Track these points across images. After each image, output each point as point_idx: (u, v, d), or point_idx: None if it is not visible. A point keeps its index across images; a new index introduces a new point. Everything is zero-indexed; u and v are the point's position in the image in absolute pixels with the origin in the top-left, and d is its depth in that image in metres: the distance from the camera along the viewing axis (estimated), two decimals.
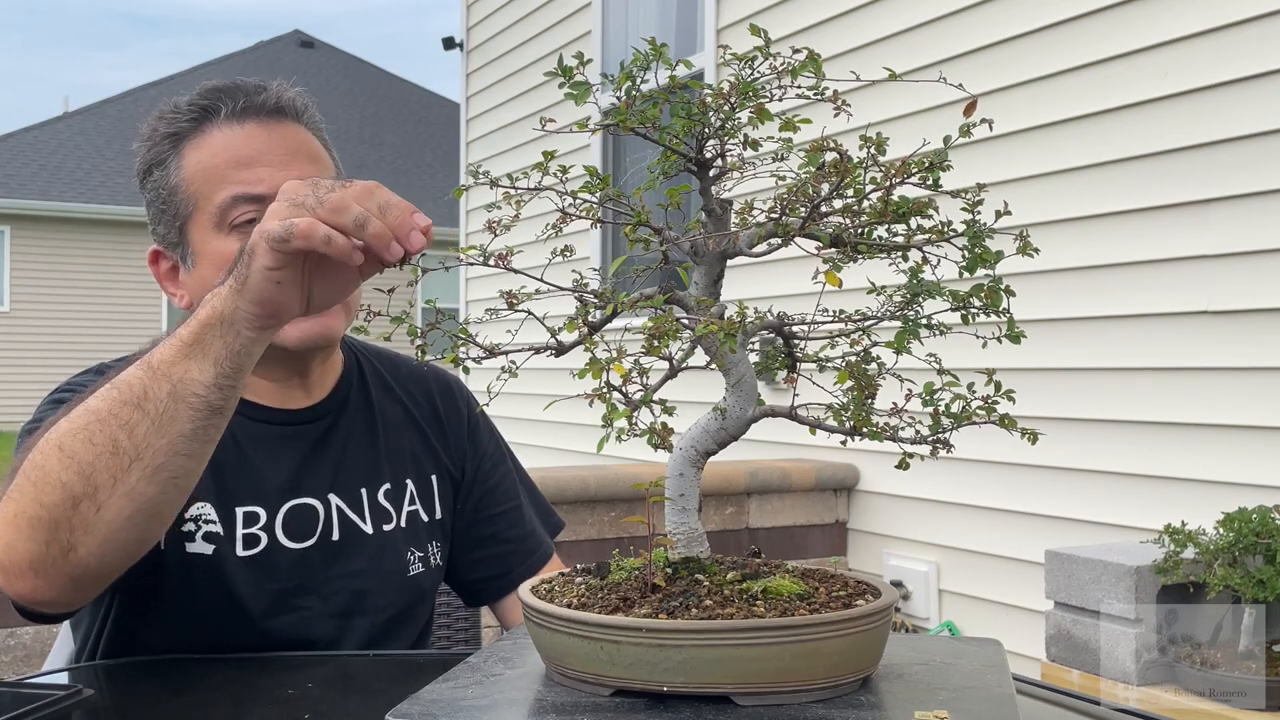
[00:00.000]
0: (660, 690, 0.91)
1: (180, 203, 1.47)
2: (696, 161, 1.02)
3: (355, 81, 23.32)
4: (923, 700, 0.96)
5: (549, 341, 1.00)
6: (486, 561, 1.69)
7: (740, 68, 0.99)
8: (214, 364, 1.15)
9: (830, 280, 0.98)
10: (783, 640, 0.91)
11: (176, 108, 1.50)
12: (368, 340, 1.72)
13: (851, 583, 1.05)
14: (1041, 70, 3.75)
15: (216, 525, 1.45)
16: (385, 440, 1.61)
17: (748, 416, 1.02)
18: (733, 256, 1.03)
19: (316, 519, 1.52)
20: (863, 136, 1.00)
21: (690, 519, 1.04)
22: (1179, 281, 3.34)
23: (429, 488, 1.64)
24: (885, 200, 1.00)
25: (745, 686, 0.91)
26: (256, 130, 1.47)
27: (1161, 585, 2.62)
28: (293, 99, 1.51)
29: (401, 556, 1.58)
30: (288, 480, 1.51)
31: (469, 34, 8.08)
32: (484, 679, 1.00)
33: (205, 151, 1.46)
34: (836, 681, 0.95)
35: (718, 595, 0.97)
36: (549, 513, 1.80)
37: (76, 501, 1.14)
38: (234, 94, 1.48)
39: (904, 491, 4.33)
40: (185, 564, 1.44)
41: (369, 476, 1.58)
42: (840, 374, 1.00)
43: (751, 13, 5.11)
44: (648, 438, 0.97)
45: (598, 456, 6.01)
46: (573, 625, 0.94)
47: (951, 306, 1.01)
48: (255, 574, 1.46)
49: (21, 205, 17.77)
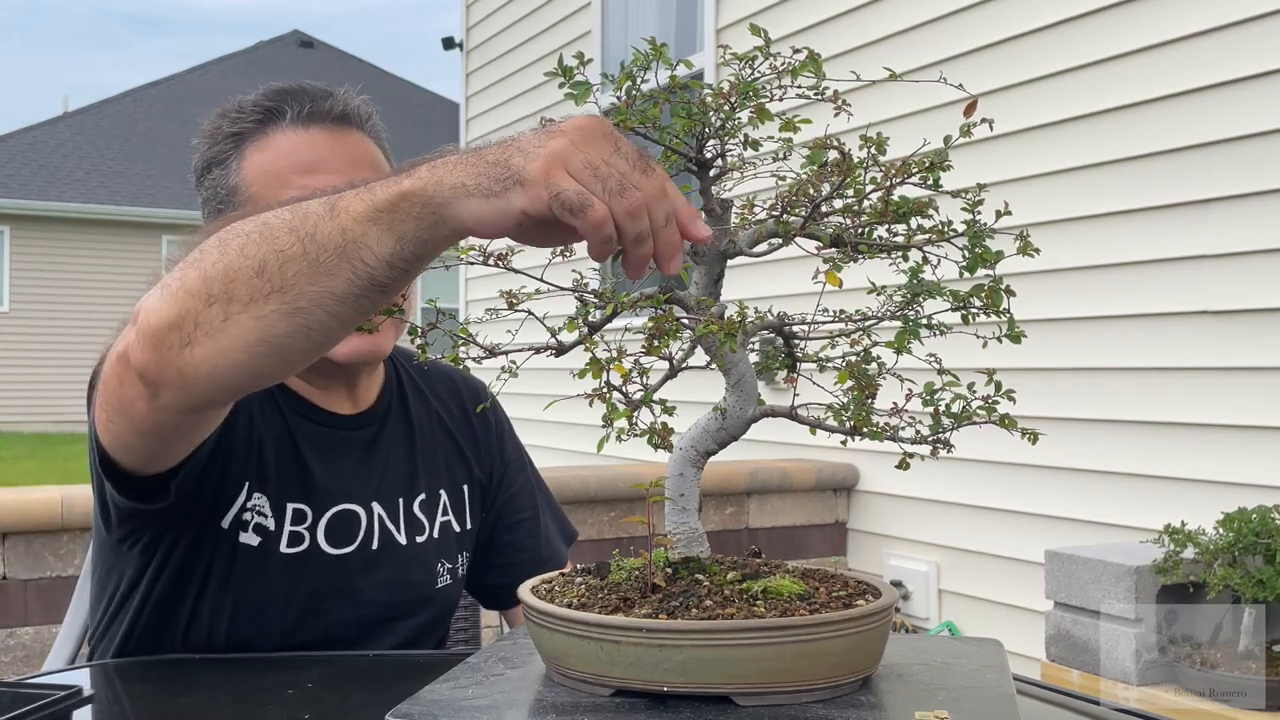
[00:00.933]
0: (660, 690, 0.91)
1: (239, 203, 1.45)
2: (696, 161, 1.02)
3: (355, 81, 22.91)
4: (923, 700, 0.96)
5: (549, 341, 1.00)
6: (502, 569, 1.69)
7: (740, 67, 0.99)
8: (396, 240, 0.99)
9: (830, 280, 0.98)
10: (783, 640, 0.91)
11: (241, 107, 1.48)
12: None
13: (851, 583, 1.05)
14: (1041, 70, 3.75)
15: (268, 519, 1.44)
16: (421, 450, 1.61)
17: (748, 416, 1.02)
18: (733, 256, 1.03)
19: (358, 526, 1.51)
20: (863, 136, 1.00)
21: (690, 519, 1.04)
22: (1178, 281, 3.34)
23: (461, 498, 1.64)
24: (886, 200, 1.01)
25: (746, 687, 0.91)
26: (321, 136, 1.45)
27: (1161, 585, 2.62)
28: (358, 107, 1.50)
29: (431, 569, 1.57)
30: (337, 485, 1.50)
31: (469, 34, 8.08)
32: (484, 679, 1.00)
33: (268, 154, 1.45)
34: (837, 682, 0.95)
35: (718, 595, 0.97)
36: (564, 521, 1.80)
37: (210, 300, 1.04)
38: (300, 98, 1.46)
39: (904, 491, 4.33)
40: (233, 553, 1.42)
41: (406, 487, 1.57)
42: (840, 374, 1.00)
43: (751, 12, 5.11)
44: (648, 438, 0.97)
45: (598, 456, 6.00)
46: (573, 625, 0.94)
47: (952, 306, 1.01)
48: (294, 573, 1.45)
49: (21, 205, 17.77)
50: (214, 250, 1.05)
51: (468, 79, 8.09)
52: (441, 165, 0.98)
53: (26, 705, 0.88)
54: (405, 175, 0.99)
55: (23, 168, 18.65)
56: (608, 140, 0.94)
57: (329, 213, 1.01)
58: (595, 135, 0.94)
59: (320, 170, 1.43)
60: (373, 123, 1.52)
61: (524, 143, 0.95)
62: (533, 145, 0.94)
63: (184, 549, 1.41)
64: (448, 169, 0.97)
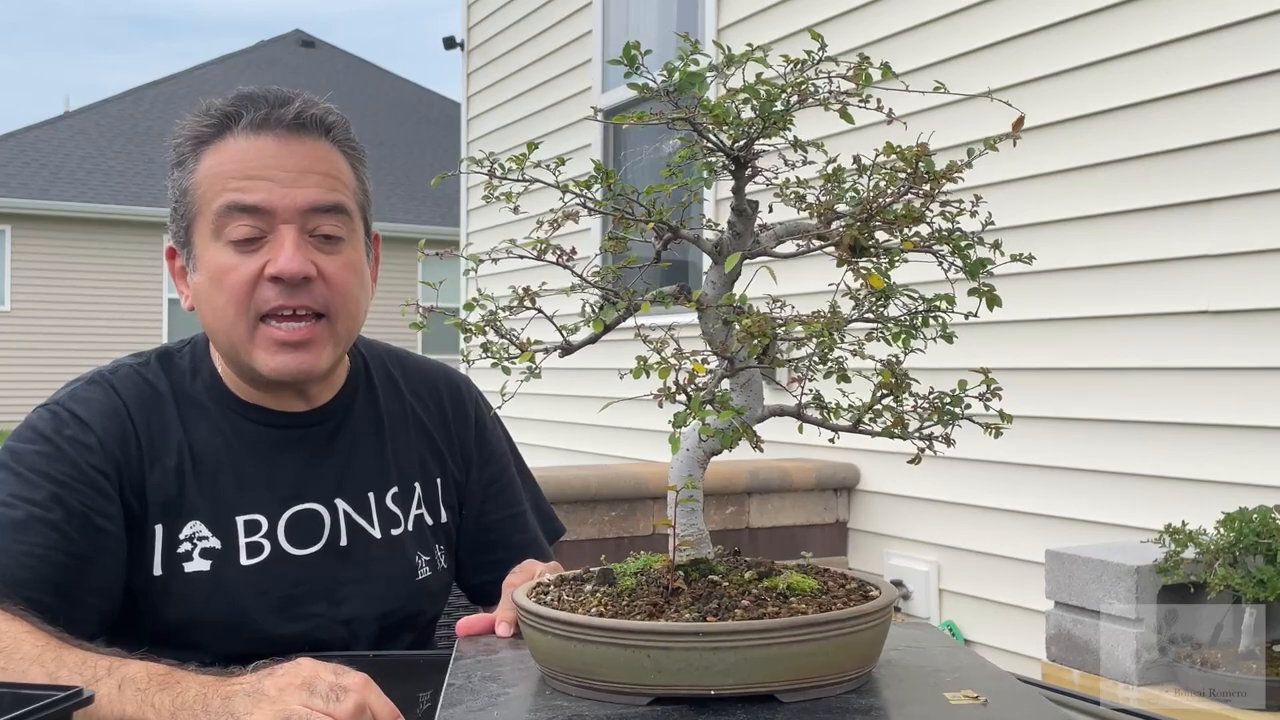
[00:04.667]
0: (707, 694, 0.91)
1: (188, 205, 1.47)
2: (735, 159, 1.02)
3: (356, 81, 23.31)
4: (933, 682, 0.98)
5: (572, 339, 1.00)
6: (489, 565, 1.69)
7: (791, 69, 1.00)
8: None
9: (874, 283, 0.98)
10: (828, 635, 0.92)
11: (207, 110, 1.49)
12: (376, 340, 1.73)
13: (850, 576, 1.08)
14: (1042, 70, 3.74)
15: (211, 540, 1.45)
16: (392, 443, 1.60)
17: (755, 416, 1.03)
18: (754, 257, 1.03)
19: (322, 525, 1.51)
20: (889, 144, 1.01)
21: (697, 519, 1.04)
22: (1179, 281, 3.34)
23: (434, 490, 1.64)
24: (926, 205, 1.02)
25: (790, 683, 0.92)
26: (270, 144, 1.44)
27: (1162, 585, 2.62)
28: (319, 115, 1.48)
29: (410, 560, 1.57)
30: (290, 486, 1.50)
31: (469, 34, 8.08)
32: (493, 700, 0.98)
33: (218, 158, 1.45)
34: (863, 671, 0.97)
35: (748, 595, 0.97)
36: (550, 518, 1.79)
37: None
38: (258, 103, 1.46)
39: (904, 491, 4.33)
40: (185, 584, 1.43)
41: (377, 480, 1.57)
42: (883, 373, 1.01)
43: (752, 12, 5.11)
44: (725, 440, 0.97)
45: (598, 456, 6.00)
46: (613, 635, 0.92)
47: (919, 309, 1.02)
48: (259, 582, 1.45)
49: (22, 205, 17.76)
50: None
51: (469, 79, 8.09)
52: (183, 707, 1.09)
53: (26, 705, 0.88)
54: (152, 704, 1.10)
55: (23, 167, 18.65)
56: (302, 689, 1.07)
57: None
58: (290, 690, 1.07)
59: (261, 176, 1.42)
60: (339, 131, 1.50)
61: (238, 705, 1.06)
62: (243, 709, 1.06)
63: (132, 597, 1.44)
64: (185, 715, 1.08)
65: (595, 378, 5.36)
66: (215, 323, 1.46)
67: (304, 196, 1.43)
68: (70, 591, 1.34)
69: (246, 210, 1.42)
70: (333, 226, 1.46)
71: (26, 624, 1.22)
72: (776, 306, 1.06)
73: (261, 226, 1.43)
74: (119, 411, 1.45)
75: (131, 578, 1.43)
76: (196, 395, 1.51)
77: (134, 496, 1.43)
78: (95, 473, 1.40)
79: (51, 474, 1.38)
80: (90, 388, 1.48)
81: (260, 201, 1.41)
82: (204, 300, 1.47)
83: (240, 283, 1.42)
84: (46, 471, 1.38)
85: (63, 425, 1.42)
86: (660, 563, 1.04)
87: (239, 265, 1.42)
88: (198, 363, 1.54)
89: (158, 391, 1.50)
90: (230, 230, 1.42)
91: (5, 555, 1.32)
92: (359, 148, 1.54)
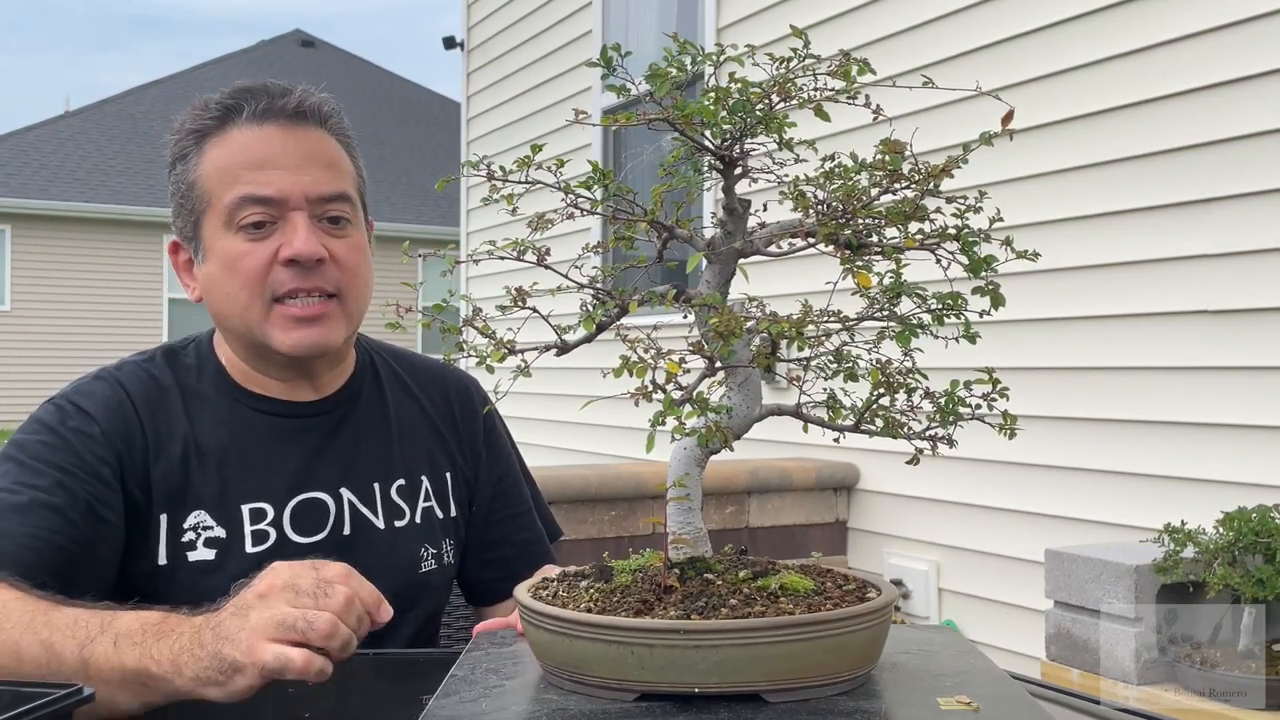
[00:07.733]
0: (691, 691, 0.91)
1: (196, 198, 1.49)
2: (722, 159, 1.02)
3: (356, 81, 23.31)
4: (931, 687, 0.97)
5: (567, 339, 1.00)
6: (494, 563, 1.70)
7: (775, 67, 1.00)
8: (142, 704, 1.17)
9: (863, 281, 0.98)
10: (816, 635, 0.92)
11: (206, 104, 1.52)
12: (383, 340, 1.74)
13: (851, 577, 1.07)
14: (1041, 70, 3.75)
15: (216, 529, 1.46)
16: (400, 437, 1.62)
17: (753, 415, 1.02)
18: (748, 255, 1.03)
19: (327, 513, 1.52)
20: (885, 141, 1.01)
21: (695, 518, 1.04)
22: (1178, 281, 3.34)
23: (444, 485, 1.66)
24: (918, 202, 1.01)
25: (776, 683, 0.91)
26: (274, 133, 1.49)
27: (1161, 584, 2.62)
28: (317, 104, 1.53)
29: (414, 552, 1.59)
30: (296, 474, 1.52)
31: (469, 33, 8.08)
32: (486, 691, 0.99)
33: (224, 150, 1.48)
34: (856, 673, 0.96)
35: (738, 594, 0.97)
36: (550, 520, 1.82)
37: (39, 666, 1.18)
38: (258, 95, 1.50)
39: (904, 491, 4.33)
40: (191, 573, 1.45)
41: (382, 472, 1.58)
42: (873, 373, 1.01)
43: (751, 12, 5.11)
44: (701, 439, 0.97)
45: (599, 456, 6.00)
46: (598, 630, 0.93)
47: (922, 309, 1.02)
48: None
49: (22, 205, 17.76)
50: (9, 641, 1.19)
51: (469, 78, 8.09)
52: (181, 651, 1.13)
53: (26, 705, 0.88)
54: (151, 655, 1.14)
55: (23, 167, 18.65)
56: (287, 591, 1.11)
57: (83, 668, 1.16)
58: (274, 593, 1.12)
59: (270, 166, 1.47)
60: (335, 120, 1.55)
61: (228, 627, 1.11)
62: (234, 629, 1.11)
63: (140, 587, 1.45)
64: (185, 657, 1.12)
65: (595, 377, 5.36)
66: (229, 308, 1.49)
67: (313, 184, 1.48)
68: (68, 576, 1.35)
69: (261, 201, 1.46)
70: (339, 210, 1.51)
71: (15, 591, 1.24)
72: (754, 306, 1.05)
73: (273, 213, 1.47)
74: (124, 405, 1.48)
75: (137, 568, 1.44)
76: (202, 388, 1.54)
77: (138, 488, 1.45)
78: (98, 463, 1.42)
79: (56, 462, 1.40)
80: (95, 383, 1.50)
81: (275, 193, 1.46)
82: (216, 287, 1.50)
83: (255, 267, 1.46)
84: (51, 460, 1.40)
85: (66, 417, 1.45)
86: (660, 560, 1.04)
87: (252, 251, 1.46)
88: (202, 358, 1.57)
89: (163, 386, 1.52)
90: (242, 218, 1.46)
91: (8, 538, 1.33)
92: (351, 135, 1.59)
